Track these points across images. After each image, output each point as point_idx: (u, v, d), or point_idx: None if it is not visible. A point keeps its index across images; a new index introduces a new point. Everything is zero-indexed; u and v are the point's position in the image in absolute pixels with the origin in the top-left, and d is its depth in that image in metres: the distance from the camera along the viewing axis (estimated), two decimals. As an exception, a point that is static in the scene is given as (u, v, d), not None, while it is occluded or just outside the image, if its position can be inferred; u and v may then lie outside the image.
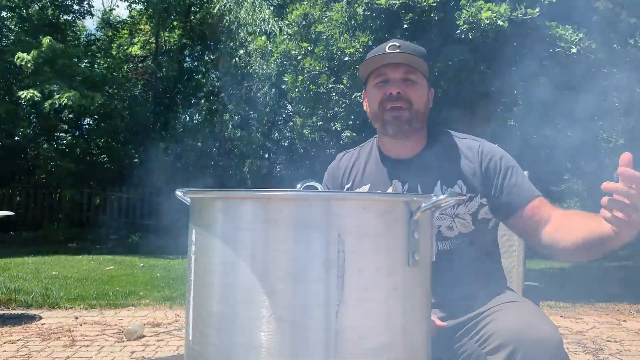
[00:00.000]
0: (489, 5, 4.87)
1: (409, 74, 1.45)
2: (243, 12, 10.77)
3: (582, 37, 5.03)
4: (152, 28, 12.95)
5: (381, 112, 1.46)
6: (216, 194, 0.91)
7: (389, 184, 1.50)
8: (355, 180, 1.57)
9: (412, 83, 1.45)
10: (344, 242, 0.81)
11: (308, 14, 6.38)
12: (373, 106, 1.49)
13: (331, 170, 1.68)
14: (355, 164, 1.60)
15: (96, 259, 7.66)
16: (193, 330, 0.91)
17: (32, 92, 9.68)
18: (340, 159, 1.67)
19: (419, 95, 1.45)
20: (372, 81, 1.49)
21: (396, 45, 1.46)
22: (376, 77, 1.48)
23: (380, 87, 1.46)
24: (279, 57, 6.50)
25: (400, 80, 1.44)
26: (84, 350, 3.35)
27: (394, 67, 1.45)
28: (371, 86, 1.50)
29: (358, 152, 1.64)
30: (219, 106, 11.76)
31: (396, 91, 1.43)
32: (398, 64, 1.44)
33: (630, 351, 3.54)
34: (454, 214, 1.43)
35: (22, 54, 9.75)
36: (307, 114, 7.65)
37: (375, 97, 1.47)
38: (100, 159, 13.43)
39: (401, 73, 1.44)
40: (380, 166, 1.54)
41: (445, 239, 1.44)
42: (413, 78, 1.45)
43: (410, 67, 1.44)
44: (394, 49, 1.45)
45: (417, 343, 0.89)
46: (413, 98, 1.44)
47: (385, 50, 1.45)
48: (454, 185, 1.43)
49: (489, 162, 1.44)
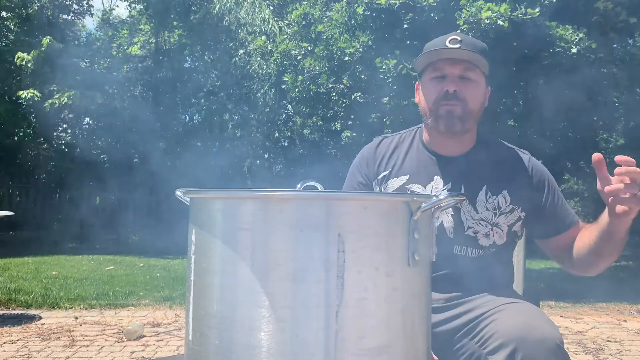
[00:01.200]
0: (489, 5, 4.87)
1: (468, 71, 1.38)
2: (243, 12, 10.79)
3: (582, 37, 5.03)
4: (152, 28, 12.95)
5: (435, 108, 1.40)
6: (216, 194, 0.91)
7: (430, 180, 1.43)
8: (394, 170, 1.48)
9: (470, 81, 1.39)
10: (344, 242, 0.81)
11: (308, 14, 6.39)
12: (428, 101, 1.42)
13: (366, 154, 1.55)
14: (395, 151, 1.51)
15: (96, 259, 7.66)
16: (193, 330, 0.91)
17: (32, 92, 9.68)
18: (378, 144, 1.55)
19: (475, 94, 1.40)
20: (429, 74, 1.42)
21: (457, 39, 1.38)
22: (433, 70, 1.41)
23: (437, 83, 1.40)
24: (279, 57, 6.50)
25: (457, 78, 1.38)
26: (84, 350, 3.35)
27: (452, 62, 1.38)
28: (427, 80, 1.43)
29: (398, 140, 1.54)
30: (219, 106, 11.76)
31: (453, 89, 1.37)
32: (457, 59, 1.38)
33: (630, 351, 3.54)
34: (494, 223, 1.40)
35: (22, 54, 9.75)
36: (307, 114, 7.65)
37: (431, 92, 1.41)
38: (100, 159, 13.43)
39: (459, 70, 1.38)
40: (423, 159, 1.47)
41: (479, 248, 1.40)
42: (471, 76, 1.39)
43: (470, 64, 1.38)
44: (455, 43, 1.38)
45: (417, 343, 0.89)
46: (469, 97, 1.38)
47: (446, 43, 1.38)
48: (499, 194, 1.40)
49: (540, 178, 1.42)
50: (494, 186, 1.40)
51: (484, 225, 1.39)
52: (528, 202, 1.41)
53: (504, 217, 1.40)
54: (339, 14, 5.98)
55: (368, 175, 1.52)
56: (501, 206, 1.40)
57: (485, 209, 1.40)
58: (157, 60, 13.28)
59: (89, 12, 13.28)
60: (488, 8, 4.84)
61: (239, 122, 12.25)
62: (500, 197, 1.40)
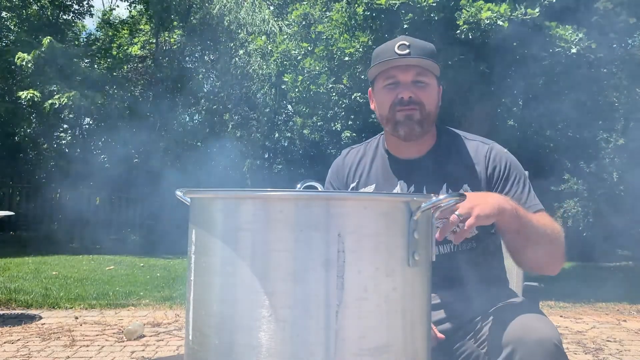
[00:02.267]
0: (489, 5, 4.87)
1: (420, 75, 1.40)
2: (243, 12, 10.79)
3: (582, 37, 5.03)
4: (152, 28, 12.96)
5: (392, 114, 1.42)
6: (216, 194, 0.91)
7: (395, 185, 1.47)
8: (361, 180, 1.53)
9: (424, 85, 1.41)
10: (344, 242, 0.81)
11: (308, 14, 6.39)
12: (383, 109, 1.44)
13: (335, 167, 1.62)
14: (361, 161, 1.56)
15: (96, 259, 7.66)
16: (193, 330, 0.91)
17: (32, 92, 9.68)
18: (345, 155, 1.61)
19: (430, 97, 1.42)
20: (381, 82, 1.44)
21: (406, 44, 1.39)
22: (385, 78, 1.43)
23: (391, 90, 1.42)
24: (279, 57, 6.50)
25: (410, 83, 1.40)
26: (84, 350, 3.35)
27: (404, 69, 1.40)
28: (380, 87, 1.45)
29: (364, 149, 1.59)
30: (219, 106, 11.76)
31: (408, 95, 1.38)
32: (408, 65, 1.40)
33: (630, 351, 3.54)
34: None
35: (22, 54, 9.75)
36: (307, 114, 7.65)
37: (386, 100, 1.43)
38: (100, 159, 13.43)
39: (412, 76, 1.40)
40: (387, 166, 1.51)
41: (448, 243, 1.41)
42: (424, 80, 1.41)
43: (421, 69, 1.40)
44: (404, 49, 1.39)
45: (416, 343, 0.89)
46: (425, 100, 1.40)
47: (395, 50, 1.40)
48: (459, 189, 1.40)
49: (495, 168, 1.41)
50: (454, 181, 1.41)
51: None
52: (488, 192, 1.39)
53: None
54: (339, 14, 5.98)
55: (339, 188, 1.58)
56: None
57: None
58: (157, 60, 13.30)
59: (89, 12, 13.29)
60: (488, 8, 4.84)
61: (239, 123, 12.26)
62: (461, 191, 1.39)
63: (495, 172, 1.40)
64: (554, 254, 1.31)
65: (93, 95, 10.13)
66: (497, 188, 1.39)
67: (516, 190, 1.38)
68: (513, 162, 1.42)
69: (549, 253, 1.30)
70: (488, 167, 1.41)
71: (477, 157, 1.43)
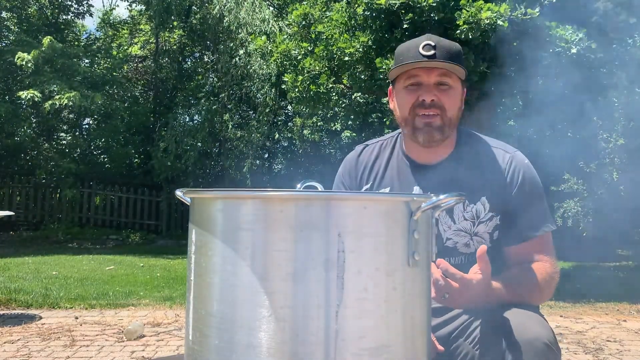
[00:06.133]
0: (489, 5, 4.87)
1: (444, 77, 1.33)
2: (243, 12, 10.78)
3: (582, 37, 5.03)
4: (152, 28, 12.95)
5: (412, 117, 1.35)
6: (216, 194, 0.91)
7: (410, 190, 1.41)
8: (376, 182, 1.47)
9: (447, 88, 1.34)
10: (344, 242, 0.81)
11: (308, 14, 6.38)
12: (403, 110, 1.38)
13: (348, 165, 1.53)
14: (376, 161, 1.48)
15: (96, 259, 7.66)
16: (193, 330, 0.91)
17: (32, 92, 9.68)
18: (359, 153, 1.53)
19: (453, 101, 1.35)
20: (403, 82, 1.37)
21: (431, 44, 1.31)
22: (407, 78, 1.36)
23: (412, 91, 1.35)
24: (279, 57, 6.50)
25: (433, 85, 1.33)
26: (84, 350, 3.35)
27: (428, 69, 1.33)
28: (401, 87, 1.38)
29: (380, 148, 1.51)
30: (219, 106, 11.76)
31: (430, 98, 1.32)
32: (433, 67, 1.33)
33: (630, 351, 3.54)
34: (474, 232, 1.37)
35: (22, 54, 9.75)
36: (307, 114, 7.65)
37: (406, 102, 1.36)
38: (100, 159, 13.43)
39: (435, 76, 1.33)
40: (403, 169, 1.44)
41: (460, 255, 1.38)
42: (448, 82, 1.34)
43: (446, 70, 1.34)
44: (429, 49, 1.31)
45: (416, 343, 0.89)
46: (447, 105, 1.33)
47: (420, 51, 1.32)
48: (477, 202, 1.35)
49: (512, 179, 1.35)
50: (472, 194, 1.34)
51: (462, 236, 1.37)
52: (502, 206, 1.35)
53: (483, 225, 1.36)
54: (339, 14, 5.97)
55: (351, 187, 1.50)
56: (480, 214, 1.36)
57: (463, 219, 1.36)
58: (157, 60, 13.30)
59: (89, 12, 13.28)
60: (488, 8, 4.84)
61: (239, 123, 12.26)
62: (479, 205, 1.35)
63: (512, 183, 1.35)
64: (541, 299, 1.35)
65: (93, 95, 10.13)
66: (516, 199, 1.36)
67: (526, 206, 1.34)
68: (529, 175, 1.37)
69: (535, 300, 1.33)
70: (507, 177, 1.36)
71: (496, 166, 1.37)
